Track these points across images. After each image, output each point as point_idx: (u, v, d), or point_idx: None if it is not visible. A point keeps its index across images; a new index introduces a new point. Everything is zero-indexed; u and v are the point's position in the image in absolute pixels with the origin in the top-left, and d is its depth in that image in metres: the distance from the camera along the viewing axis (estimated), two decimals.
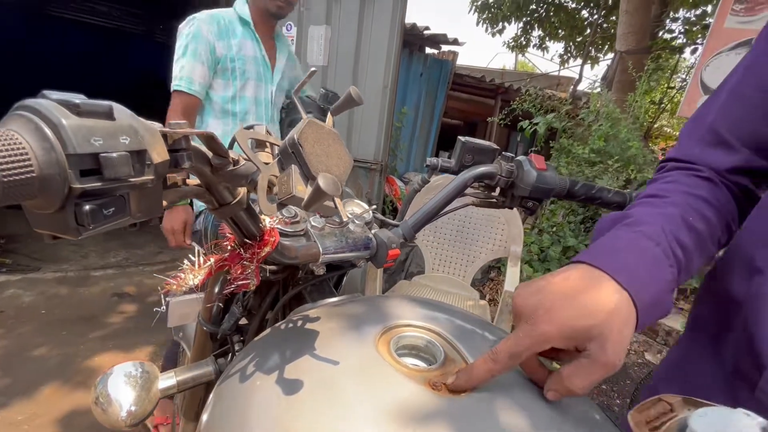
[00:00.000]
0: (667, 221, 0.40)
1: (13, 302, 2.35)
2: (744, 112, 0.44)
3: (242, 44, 1.35)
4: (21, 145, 0.20)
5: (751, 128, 0.44)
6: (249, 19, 1.36)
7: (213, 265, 0.40)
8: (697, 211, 0.42)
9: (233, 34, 1.34)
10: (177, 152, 0.28)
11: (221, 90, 1.36)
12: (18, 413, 1.58)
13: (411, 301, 0.52)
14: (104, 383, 0.55)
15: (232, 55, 1.33)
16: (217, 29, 1.30)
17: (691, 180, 0.45)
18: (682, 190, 0.44)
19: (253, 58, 1.38)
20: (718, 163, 0.45)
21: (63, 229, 0.23)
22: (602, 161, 2.56)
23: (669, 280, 0.36)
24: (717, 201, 0.44)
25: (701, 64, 2.34)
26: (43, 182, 0.20)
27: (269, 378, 0.38)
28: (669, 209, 0.42)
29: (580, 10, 5.81)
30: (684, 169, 0.47)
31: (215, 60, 1.31)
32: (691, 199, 0.43)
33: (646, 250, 0.37)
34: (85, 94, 0.23)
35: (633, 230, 0.39)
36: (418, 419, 0.33)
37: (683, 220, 0.40)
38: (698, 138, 0.48)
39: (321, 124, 0.32)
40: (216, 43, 1.29)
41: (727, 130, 0.45)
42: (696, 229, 0.41)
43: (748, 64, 0.45)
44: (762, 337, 0.37)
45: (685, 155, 0.48)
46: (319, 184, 0.26)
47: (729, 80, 0.47)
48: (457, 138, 0.62)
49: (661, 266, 0.36)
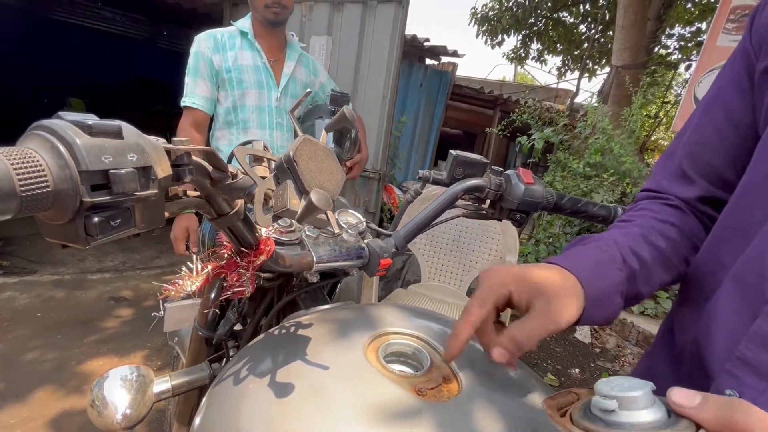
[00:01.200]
0: (623, 237, 0.45)
1: (8, 305, 2.34)
2: (702, 150, 0.49)
3: (239, 55, 1.40)
4: (38, 163, 0.22)
5: (708, 163, 0.49)
6: (247, 30, 1.42)
7: (210, 272, 0.42)
8: (660, 232, 0.46)
9: (231, 47, 1.40)
10: (179, 167, 0.30)
11: (223, 101, 1.43)
12: (11, 417, 1.58)
13: (400, 310, 0.54)
14: (100, 386, 0.56)
15: (228, 66, 1.39)
16: (213, 44, 1.38)
17: (660, 207, 0.50)
18: (649, 215, 0.49)
19: (253, 66, 1.42)
20: (684, 194, 0.50)
21: (73, 239, 0.24)
22: (597, 175, 2.59)
23: (616, 282, 0.41)
24: (684, 225, 0.48)
25: (694, 80, 2.38)
26: (57, 196, 0.22)
27: (261, 382, 0.40)
28: (631, 229, 0.47)
29: (577, 24, 5.91)
30: (655, 199, 0.53)
31: (214, 73, 1.39)
32: (656, 222, 0.48)
33: (595, 255, 0.42)
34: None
35: (586, 244, 0.45)
36: (403, 423, 0.34)
37: (643, 237, 0.45)
38: (668, 172, 0.53)
39: (315, 142, 0.34)
40: (213, 57, 1.37)
41: (689, 165, 0.50)
42: (656, 246, 0.45)
43: (709, 99, 0.49)
44: (711, 351, 0.40)
45: (658, 187, 0.53)
46: (312, 200, 0.28)
47: (694, 114, 0.52)
48: (449, 152, 0.65)
49: (608, 268, 0.41)
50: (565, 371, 2.42)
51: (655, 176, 0.55)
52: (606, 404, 0.28)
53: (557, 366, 2.46)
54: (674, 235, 0.47)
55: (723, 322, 0.39)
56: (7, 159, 0.21)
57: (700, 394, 0.26)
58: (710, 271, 0.44)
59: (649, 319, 2.58)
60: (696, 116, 0.51)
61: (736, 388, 0.37)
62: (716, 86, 0.49)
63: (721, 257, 0.43)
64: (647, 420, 0.27)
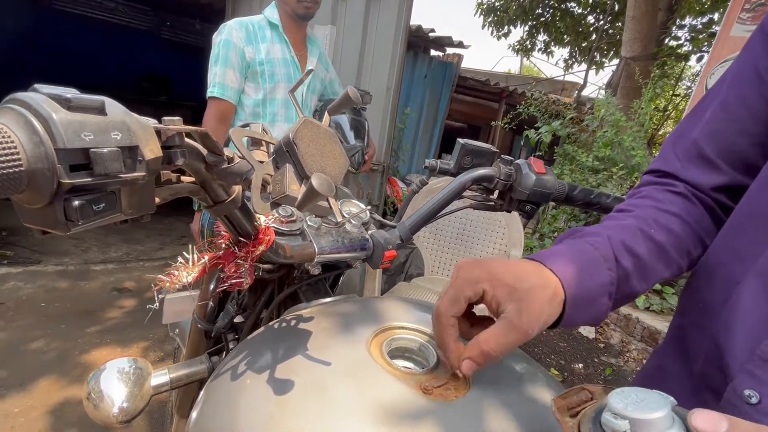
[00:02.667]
0: (617, 232, 0.42)
1: (13, 294, 2.35)
2: (727, 126, 0.44)
3: (271, 48, 1.39)
4: (10, 139, 0.20)
5: (732, 143, 0.44)
6: (278, 23, 1.41)
7: (207, 262, 0.40)
8: (661, 225, 0.43)
9: (262, 39, 1.38)
10: (170, 149, 0.28)
11: (252, 93, 1.41)
12: (14, 405, 1.58)
13: (405, 303, 0.52)
14: (97, 379, 0.55)
15: (261, 58, 1.37)
16: (245, 35, 1.35)
17: (663, 195, 0.47)
18: (649, 205, 0.45)
19: (283, 60, 1.41)
20: (699, 180, 0.46)
21: (52, 224, 0.22)
22: (606, 169, 2.55)
23: (603, 282, 0.38)
24: (688, 215, 0.45)
25: (706, 71, 2.33)
26: (31, 176, 0.20)
27: (260, 377, 0.38)
28: (627, 221, 0.43)
29: (585, 15, 5.80)
30: (659, 184, 0.49)
31: (245, 65, 1.36)
32: (658, 213, 0.44)
33: (584, 252, 0.39)
34: (89, 88, 0.23)
35: (577, 239, 0.42)
36: (408, 422, 0.32)
37: (640, 231, 0.42)
38: (682, 152, 0.48)
39: (317, 124, 0.32)
40: (245, 48, 1.34)
41: (712, 148, 0.45)
42: (654, 240, 0.42)
43: (735, 72, 0.45)
44: (730, 350, 0.37)
45: (667, 167, 0.49)
46: (313, 184, 0.26)
47: (714, 93, 0.47)
48: (456, 140, 0.62)
49: (597, 267, 0.38)
50: (568, 366, 2.41)
51: (664, 155, 0.50)
52: (617, 425, 0.25)
53: (561, 361, 2.45)
54: (677, 228, 0.44)
55: (744, 319, 0.37)
56: None
57: (726, 419, 0.23)
58: (726, 263, 0.41)
59: (654, 314, 2.56)
60: (721, 91, 0.46)
61: (755, 389, 0.35)
62: (743, 58, 0.44)
63: (740, 248, 0.40)
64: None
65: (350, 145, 1.09)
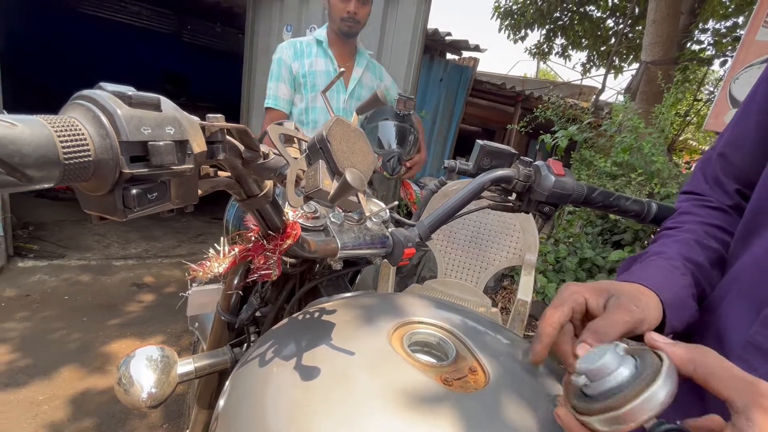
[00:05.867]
0: (675, 245, 0.47)
1: (38, 287, 2.44)
2: (733, 151, 0.50)
3: (315, 62, 1.58)
4: (81, 132, 0.22)
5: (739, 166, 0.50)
6: (323, 39, 1.60)
7: (237, 254, 0.42)
8: (711, 235, 0.49)
9: (308, 55, 1.58)
10: (213, 144, 0.30)
11: (298, 103, 1.61)
12: (38, 393, 1.64)
13: (424, 299, 0.53)
14: (127, 365, 0.58)
15: (304, 71, 1.57)
16: (293, 52, 1.57)
17: (704, 211, 0.52)
18: (695, 220, 0.51)
19: (325, 72, 1.58)
20: (720, 199, 0.52)
21: (111, 211, 0.24)
22: (624, 174, 2.51)
23: (685, 285, 0.42)
24: (729, 226, 0.50)
25: (730, 76, 2.28)
26: (97, 166, 0.22)
27: (286, 365, 0.40)
28: (683, 235, 0.49)
29: (605, 19, 5.72)
30: (695, 200, 0.54)
31: (293, 78, 1.58)
32: (704, 226, 0.50)
33: (659, 267, 0.44)
34: None
35: (644, 261, 0.47)
36: (431, 412, 0.34)
37: (696, 242, 0.47)
38: (708, 175, 0.54)
39: (348, 123, 0.33)
40: (292, 63, 1.56)
41: (722, 168, 0.52)
42: (711, 248, 0.47)
43: (747, 98, 0.50)
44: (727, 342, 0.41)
45: (697, 189, 0.55)
46: (347, 179, 0.27)
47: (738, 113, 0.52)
48: (476, 141, 0.63)
49: (674, 274, 0.43)
50: None
51: (694, 178, 0.57)
52: (577, 381, 0.30)
53: None
54: (723, 237, 0.48)
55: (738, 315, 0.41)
56: (52, 126, 0.21)
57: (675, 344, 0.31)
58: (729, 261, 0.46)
59: None
60: (734, 117, 0.52)
61: None
62: (755, 85, 0.49)
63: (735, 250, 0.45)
64: (616, 382, 0.28)
65: (385, 150, 1.11)
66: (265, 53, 2.82)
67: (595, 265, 2.56)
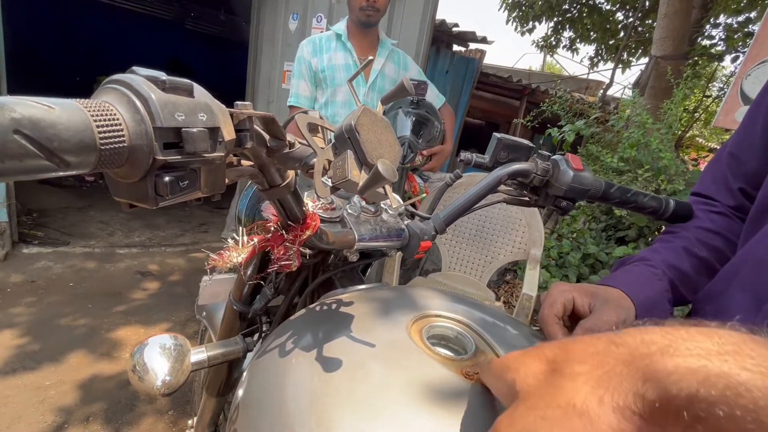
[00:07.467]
0: (662, 253, 0.52)
1: (43, 273, 2.45)
2: (741, 152, 0.52)
3: (333, 56, 1.55)
4: (116, 117, 0.21)
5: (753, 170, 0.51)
6: (341, 32, 1.57)
7: (256, 244, 0.42)
8: (703, 242, 0.52)
9: (327, 50, 1.57)
10: (241, 132, 0.29)
11: (320, 98, 1.61)
12: (46, 378, 1.66)
13: (440, 293, 0.53)
14: (141, 353, 0.58)
15: (323, 66, 1.55)
16: (312, 48, 1.57)
17: (706, 216, 0.55)
18: (693, 225, 0.54)
19: (344, 65, 1.56)
20: (726, 201, 0.55)
21: (142, 198, 0.24)
22: (631, 170, 2.49)
23: (660, 290, 0.48)
24: (728, 232, 0.52)
25: (742, 72, 2.25)
26: (132, 152, 0.22)
27: (305, 356, 0.39)
28: (673, 243, 0.53)
29: (614, 12, 5.64)
30: (701, 204, 0.57)
31: (313, 74, 1.58)
32: (700, 232, 0.53)
33: (639, 273, 0.50)
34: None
35: (628, 265, 0.53)
36: (451, 404, 0.34)
37: (684, 249, 0.52)
38: (716, 177, 0.57)
39: (374, 112, 0.33)
40: (311, 59, 1.56)
41: (731, 169, 0.54)
42: (698, 257, 0.51)
43: (756, 99, 0.51)
44: None
45: (705, 191, 0.58)
46: (379, 169, 0.27)
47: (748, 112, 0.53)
48: (493, 134, 0.62)
49: (650, 279, 0.48)
50: None
51: (702, 180, 0.59)
52: None
53: None
54: (719, 244, 0.52)
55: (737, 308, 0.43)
56: (88, 111, 0.20)
57: None
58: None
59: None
60: (745, 116, 0.53)
61: None
62: (766, 86, 0.51)
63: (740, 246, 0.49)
64: None
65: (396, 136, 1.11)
66: (270, 42, 2.78)
67: (599, 260, 2.56)
